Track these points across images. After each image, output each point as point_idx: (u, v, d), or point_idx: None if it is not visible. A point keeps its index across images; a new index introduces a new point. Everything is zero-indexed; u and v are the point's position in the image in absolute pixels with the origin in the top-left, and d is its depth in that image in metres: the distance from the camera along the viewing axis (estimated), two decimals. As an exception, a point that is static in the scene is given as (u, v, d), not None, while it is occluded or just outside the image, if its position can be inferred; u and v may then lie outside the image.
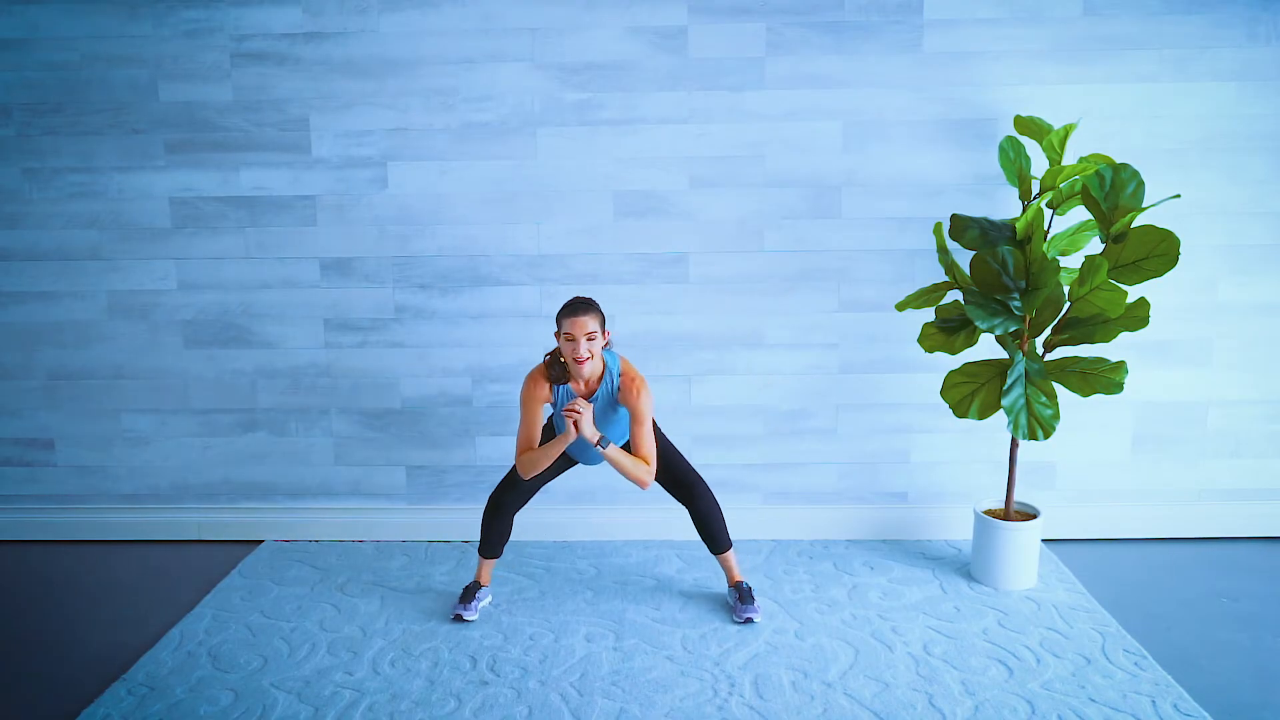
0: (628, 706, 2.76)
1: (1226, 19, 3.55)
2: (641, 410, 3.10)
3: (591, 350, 3.01)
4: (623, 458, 3.09)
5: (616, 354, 3.21)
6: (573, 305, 3.04)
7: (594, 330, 3.00)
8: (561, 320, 3.03)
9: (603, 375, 3.14)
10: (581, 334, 2.99)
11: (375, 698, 2.82)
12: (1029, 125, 3.39)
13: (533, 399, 3.13)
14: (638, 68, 3.64)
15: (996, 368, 3.29)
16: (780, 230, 3.74)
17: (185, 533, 4.01)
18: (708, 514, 3.28)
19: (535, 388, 3.13)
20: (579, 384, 3.14)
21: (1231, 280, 3.72)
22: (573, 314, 3.01)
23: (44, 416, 3.96)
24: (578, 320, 2.99)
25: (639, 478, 3.11)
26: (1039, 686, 2.83)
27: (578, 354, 3.00)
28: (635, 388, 3.10)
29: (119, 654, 3.10)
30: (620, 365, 3.16)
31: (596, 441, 3.05)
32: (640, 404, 3.10)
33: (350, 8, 3.62)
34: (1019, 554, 3.41)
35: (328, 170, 3.74)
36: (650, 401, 3.12)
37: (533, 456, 3.14)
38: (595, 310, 3.04)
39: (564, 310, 3.04)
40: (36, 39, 3.68)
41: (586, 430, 3.03)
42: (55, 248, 3.83)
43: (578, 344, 2.99)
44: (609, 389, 3.14)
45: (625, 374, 3.14)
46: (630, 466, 3.10)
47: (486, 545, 3.35)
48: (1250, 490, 3.87)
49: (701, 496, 3.27)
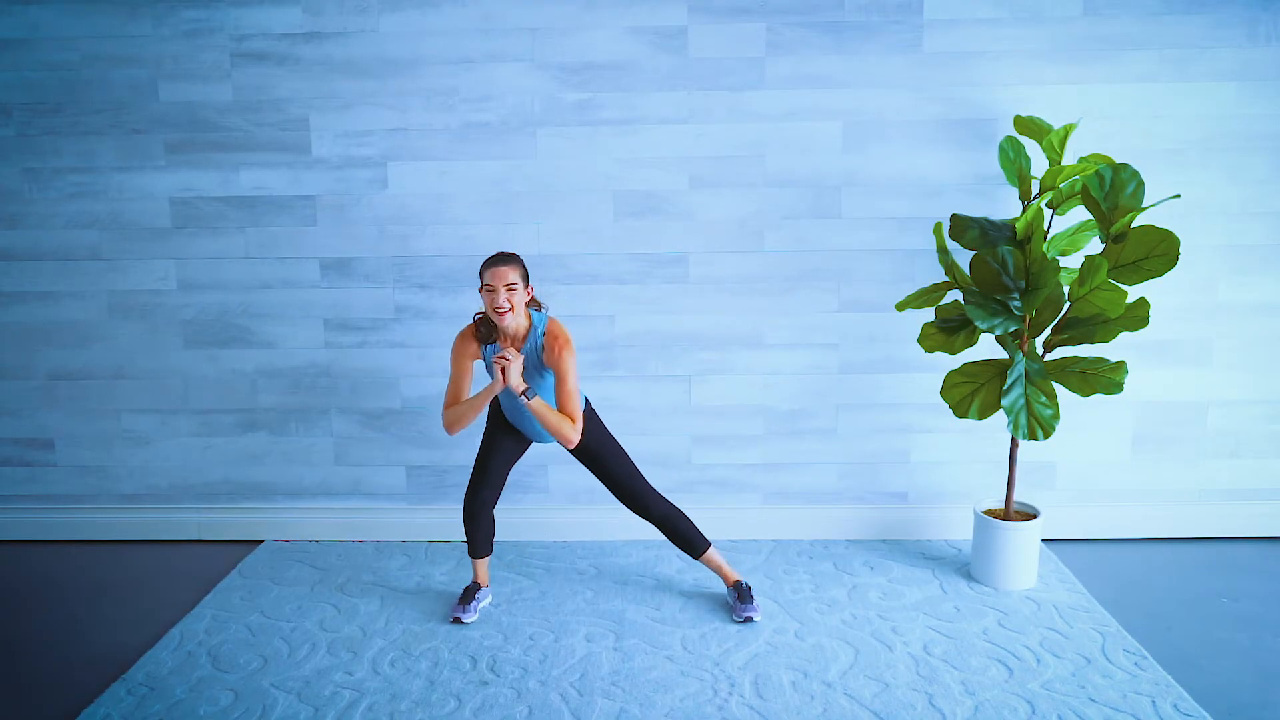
0: (628, 706, 2.76)
1: (1226, 19, 3.55)
2: (565, 367, 3.05)
3: (511, 301, 2.98)
4: (547, 412, 3.04)
5: (546, 315, 3.16)
6: (493, 257, 3.02)
7: (514, 281, 2.98)
8: (483, 272, 3.01)
9: (528, 332, 3.11)
10: (501, 284, 2.97)
11: (375, 698, 2.82)
12: (1029, 125, 3.39)
13: (461, 355, 3.14)
14: (638, 68, 3.64)
15: (996, 368, 3.29)
16: (780, 230, 3.74)
17: (185, 533, 4.01)
18: (671, 520, 3.27)
19: (464, 344, 3.14)
20: (505, 341, 3.12)
21: (1231, 280, 3.72)
22: (493, 265, 2.99)
23: (44, 416, 3.96)
24: (497, 270, 2.98)
25: (564, 434, 3.06)
26: (1039, 686, 2.83)
27: (497, 303, 2.98)
28: (558, 346, 3.05)
29: (119, 654, 3.11)
30: (547, 324, 3.12)
31: (521, 391, 3.00)
32: (563, 361, 3.04)
33: (350, 8, 3.62)
34: (1019, 554, 3.41)
35: (328, 170, 3.74)
36: (573, 360, 3.06)
37: (458, 410, 3.11)
38: (516, 262, 3.02)
39: (486, 262, 3.02)
40: (36, 39, 3.68)
41: (513, 379, 2.99)
42: (55, 248, 3.83)
43: (497, 293, 2.98)
44: (534, 346, 3.11)
45: (550, 333, 3.09)
46: (555, 422, 3.04)
47: (474, 546, 3.36)
48: (1250, 490, 3.87)
49: (656, 505, 3.26)
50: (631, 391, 3.85)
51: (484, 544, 3.36)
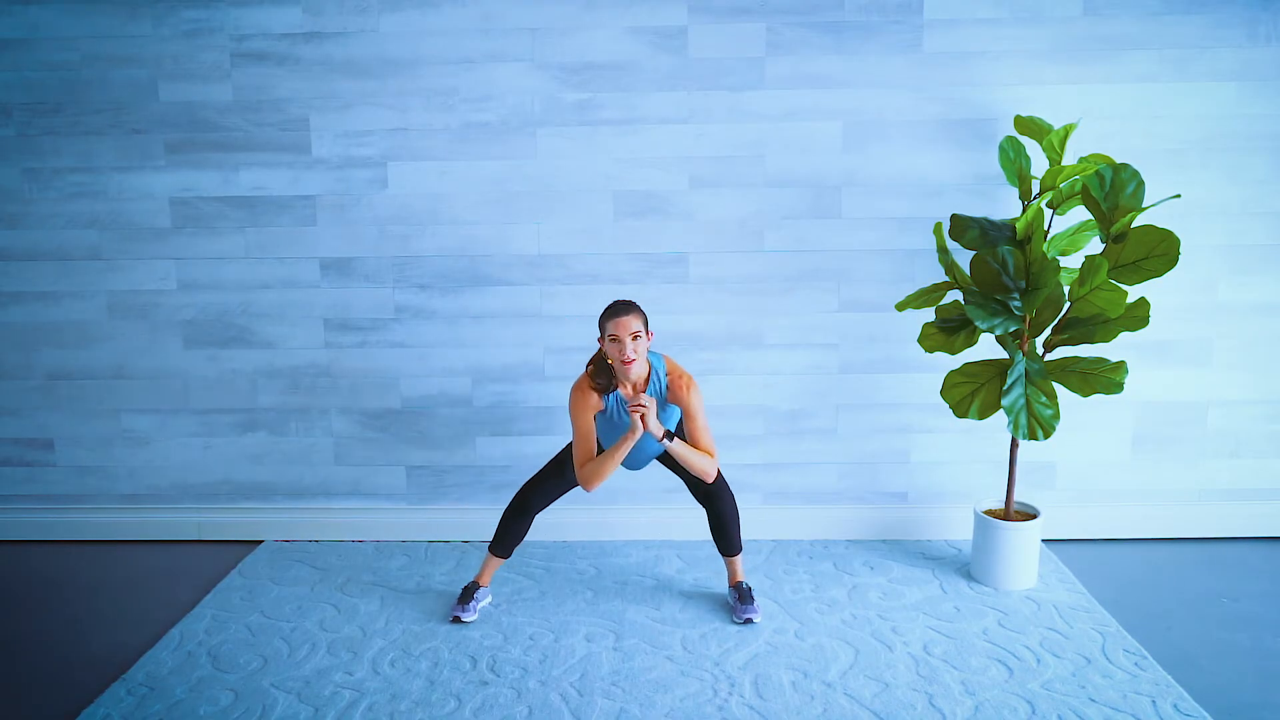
0: (628, 706, 2.76)
1: (1226, 19, 3.55)
2: (695, 405, 3.07)
3: (637, 350, 2.97)
4: (688, 451, 3.06)
5: (659, 354, 3.18)
6: (615, 307, 3.00)
7: (638, 330, 2.97)
8: (605, 323, 2.99)
9: (649, 377, 3.10)
10: (626, 334, 2.95)
11: (375, 698, 2.82)
12: (1029, 125, 3.39)
13: (584, 408, 3.08)
14: (638, 68, 3.64)
15: (996, 368, 3.29)
16: (780, 230, 3.74)
17: (185, 533, 4.01)
18: (725, 518, 3.27)
19: (585, 397, 3.08)
20: (626, 388, 3.10)
21: (1231, 280, 3.72)
22: (615, 315, 2.97)
23: (44, 416, 3.96)
24: (621, 321, 2.96)
25: (703, 469, 3.09)
26: (1039, 686, 2.83)
27: (624, 355, 2.95)
28: (685, 384, 3.07)
29: (119, 654, 3.10)
30: (666, 364, 3.13)
31: (663, 436, 3.01)
32: (692, 399, 3.06)
33: (350, 8, 3.62)
34: (1019, 554, 3.41)
35: (328, 170, 3.73)
36: (700, 396, 3.09)
37: (596, 466, 3.07)
38: (638, 310, 3.01)
39: (607, 312, 3.00)
40: (36, 39, 3.68)
41: (653, 425, 2.98)
42: (55, 248, 3.83)
43: (623, 345, 2.96)
44: (657, 390, 3.11)
45: (672, 372, 3.10)
46: (695, 459, 3.07)
47: (500, 543, 3.33)
48: (1250, 490, 3.87)
49: (723, 500, 3.25)
50: (631, 391, 3.85)
51: (511, 544, 3.34)
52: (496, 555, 3.36)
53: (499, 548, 3.34)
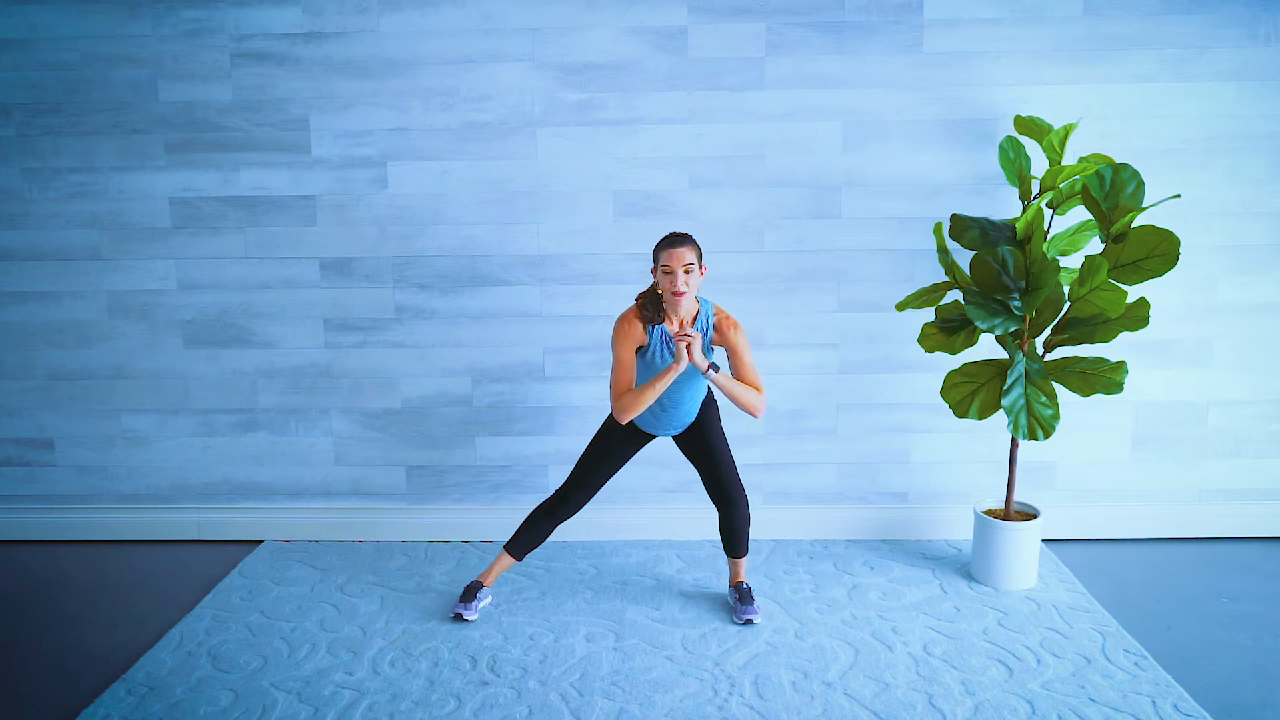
0: (628, 706, 2.76)
1: (1226, 19, 3.55)
2: (741, 346, 3.06)
3: (689, 283, 2.94)
4: (734, 384, 3.03)
5: (708, 299, 3.17)
6: (670, 238, 2.98)
7: (692, 263, 2.94)
8: (659, 253, 2.96)
9: (697, 315, 3.08)
10: (679, 265, 2.92)
11: (375, 698, 2.82)
12: (1029, 125, 3.39)
13: (627, 337, 3.04)
14: (638, 68, 3.64)
15: (996, 368, 3.29)
16: (780, 230, 3.74)
17: (185, 533, 4.01)
18: (737, 523, 3.27)
19: (630, 326, 3.04)
20: (673, 323, 3.07)
21: (1231, 280, 3.72)
22: (670, 246, 2.95)
23: (44, 416, 3.96)
24: (675, 252, 2.93)
25: (751, 404, 3.05)
26: (1039, 686, 2.83)
27: (676, 286, 2.93)
28: (730, 325, 3.06)
29: (119, 654, 3.10)
30: (714, 308, 3.12)
31: (707, 368, 2.98)
32: (739, 340, 3.06)
33: (350, 8, 3.62)
34: (1019, 554, 3.41)
35: (328, 170, 3.73)
36: (747, 338, 3.10)
37: (633, 397, 3.01)
38: (692, 243, 2.97)
39: (662, 243, 2.97)
40: (36, 39, 3.68)
41: (697, 356, 2.95)
42: (55, 248, 3.83)
43: (675, 276, 2.93)
44: (704, 329, 3.08)
45: (720, 314, 3.09)
46: (743, 393, 3.04)
47: (517, 545, 3.32)
48: (1250, 490, 3.87)
49: (737, 506, 3.25)
50: (631, 391, 3.85)
51: (527, 548, 3.34)
52: (512, 555, 3.34)
53: (515, 547, 3.33)
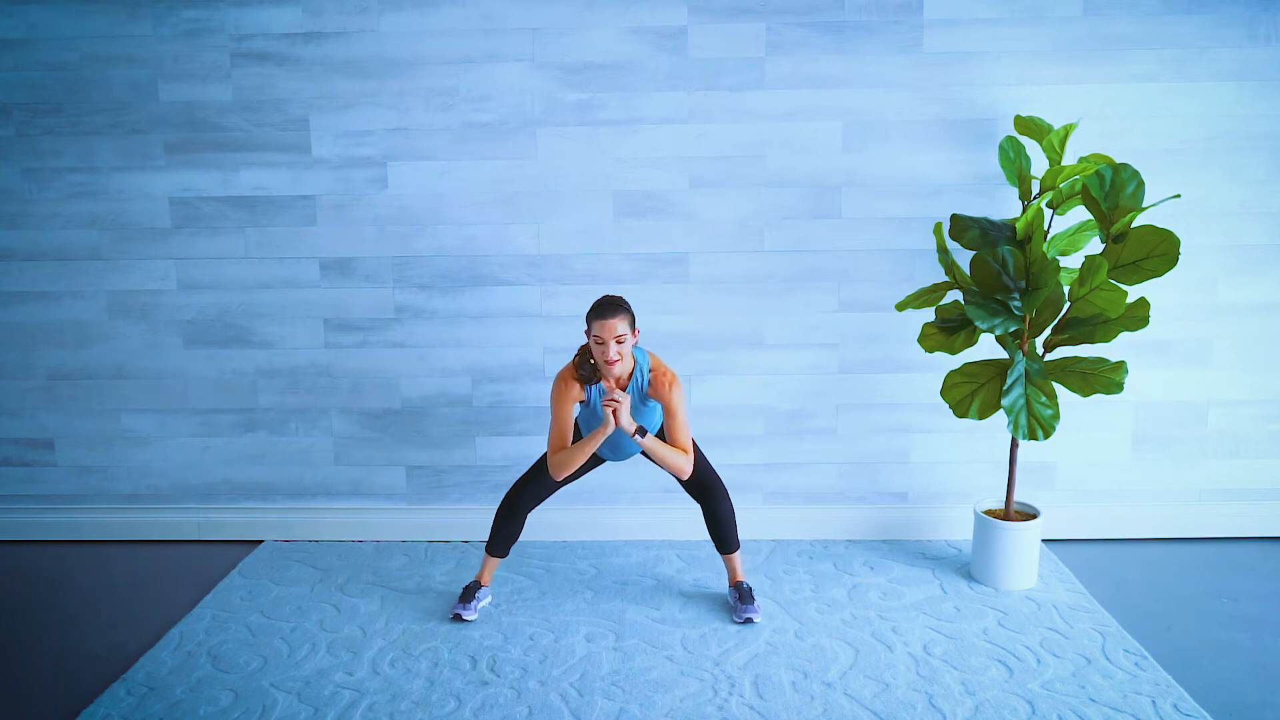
0: (628, 706, 2.76)
1: (1226, 19, 3.55)
2: (675, 403, 3.10)
3: (621, 353, 3.00)
4: (660, 447, 3.10)
5: (645, 350, 3.21)
6: (600, 307, 3.01)
7: (623, 333, 2.99)
8: (591, 322, 3.01)
9: (633, 372, 3.13)
10: (610, 336, 2.97)
11: (375, 698, 2.82)
12: (1029, 125, 3.39)
13: (564, 398, 3.12)
14: (638, 68, 3.64)
15: (996, 368, 3.29)
16: (780, 230, 3.74)
17: (185, 533, 4.01)
18: (721, 516, 3.28)
19: (566, 388, 3.12)
20: (610, 382, 3.12)
21: (1231, 280, 3.72)
22: (601, 317, 2.99)
23: (44, 416, 3.96)
24: (606, 324, 2.97)
25: (678, 466, 3.12)
26: (1039, 686, 2.83)
27: (608, 356, 2.98)
28: (667, 381, 3.10)
29: (119, 654, 3.10)
30: (650, 361, 3.16)
31: (635, 432, 3.04)
32: (673, 397, 3.10)
33: (350, 8, 3.62)
34: (1019, 554, 3.41)
35: (328, 170, 3.73)
36: (682, 394, 3.13)
37: (566, 455, 3.12)
38: (625, 311, 3.02)
39: (593, 312, 3.01)
40: (36, 39, 3.68)
41: (624, 420, 3.02)
42: (55, 248, 3.83)
43: (607, 346, 2.98)
44: (639, 385, 3.14)
45: (656, 369, 3.13)
46: (669, 455, 3.11)
47: (495, 543, 3.35)
48: (1250, 490, 3.87)
49: (718, 498, 3.26)
50: (631, 391, 3.85)
51: (506, 544, 3.36)
52: (494, 555, 3.37)
53: (495, 548, 3.36)
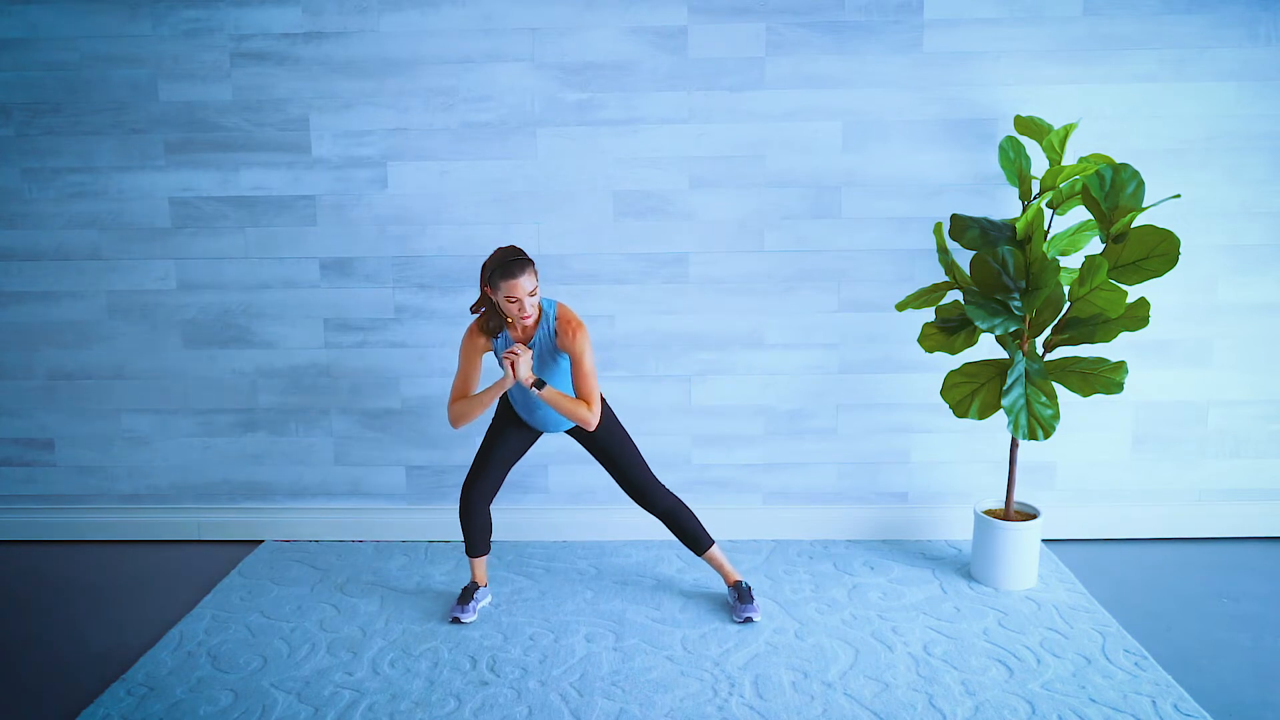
0: (628, 706, 2.76)
1: (1226, 19, 3.55)
2: (579, 351, 3.03)
3: (535, 308, 2.99)
4: (562, 399, 3.04)
5: (553, 300, 3.16)
6: (508, 265, 2.92)
7: (533, 287, 2.95)
8: (498, 282, 2.93)
9: (538, 321, 3.08)
10: (524, 295, 2.94)
11: (375, 698, 2.82)
12: (1029, 125, 3.39)
13: (470, 349, 3.11)
14: (638, 68, 3.64)
15: (996, 368, 3.29)
16: (780, 230, 3.74)
17: (185, 533, 4.01)
18: (676, 515, 3.27)
19: (472, 339, 3.11)
20: (516, 332, 3.11)
21: (1231, 280, 3.72)
22: (511, 276, 2.92)
23: (44, 416, 3.96)
24: (517, 283, 2.92)
25: (582, 417, 3.06)
26: (1039, 686, 2.83)
27: (524, 312, 2.96)
28: (571, 329, 3.04)
29: (119, 654, 3.10)
30: (557, 310, 3.10)
31: (531, 384, 3.00)
32: (578, 346, 3.03)
33: (350, 8, 3.62)
34: (1019, 554, 3.41)
35: (328, 170, 3.73)
36: (588, 343, 3.05)
37: (464, 405, 3.10)
38: (531, 267, 2.96)
39: (500, 271, 2.92)
40: (36, 39, 3.68)
41: (522, 372, 2.98)
42: (55, 248, 3.83)
43: (522, 303, 2.94)
44: (546, 334, 3.09)
45: (561, 318, 3.07)
46: (570, 407, 3.04)
47: (470, 545, 3.36)
48: (1250, 490, 3.87)
49: (658, 499, 3.25)
50: (631, 391, 3.85)
51: (480, 542, 3.36)
52: (474, 556, 3.37)
53: (471, 548, 3.36)
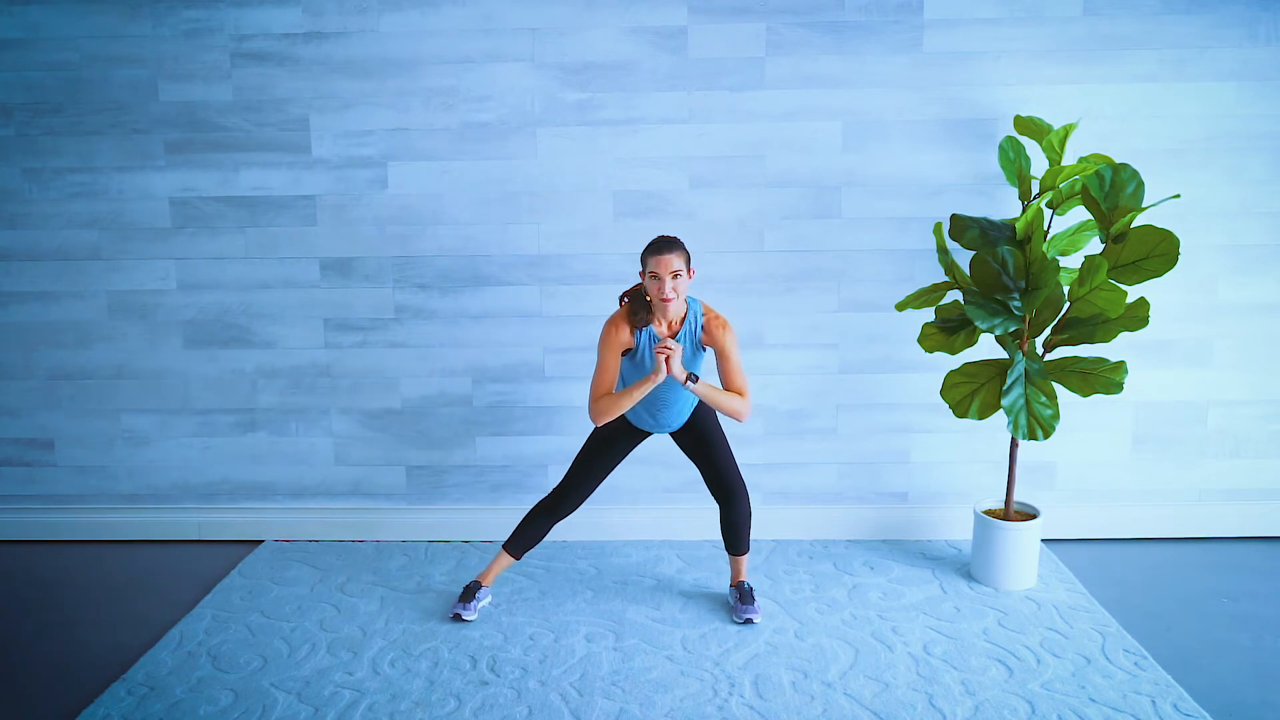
0: (628, 706, 2.76)
1: (1226, 19, 3.55)
2: (729, 347, 3.04)
3: (677, 289, 2.94)
4: (715, 392, 3.02)
5: (696, 298, 3.16)
6: (658, 243, 2.96)
7: (680, 269, 2.93)
8: (647, 259, 2.95)
9: (685, 317, 3.08)
10: (667, 272, 2.92)
11: (375, 698, 2.82)
12: (1029, 125, 3.39)
13: (613, 342, 3.04)
14: (638, 68, 3.64)
15: (996, 368, 3.29)
16: (780, 230, 3.74)
17: (185, 533, 4.01)
18: (739, 520, 3.26)
19: (616, 331, 3.04)
20: (662, 326, 3.07)
21: (1231, 280, 3.72)
22: (658, 252, 2.93)
23: (44, 416, 3.96)
24: (663, 259, 2.92)
25: (735, 409, 3.04)
26: (1039, 686, 2.83)
27: (664, 292, 2.93)
28: (719, 326, 3.05)
29: (119, 654, 3.10)
30: (702, 307, 3.11)
31: (686, 379, 2.98)
32: (727, 341, 3.04)
33: (350, 8, 3.62)
34: (1019, 554, 3.41)
35: (328, 170, 3.73)
36: (736, 339, 3.07)
37: (610, 401, 3.01)
38: (681, 248, 2.96)
39: (649, 248, 2.96)
40: (36, 39, 3.68)
41: (676, 369, 2.95)
42: (55, 248, 3.83)
43: (663, 282, 2.92)
44: (692, 330, 3.08)
45: (708, 314, 3.08)
46: (725, 400, 3.03)
47: (515, 543, 3.31)
48: (1250, 490, 3.87)
49: (739, 502, 3.23)
50: (631, 391, 3.85)
51: (526, 546, 3.33)
52: (510, 554, 3.33)
53: (513, 546, 3.32)
